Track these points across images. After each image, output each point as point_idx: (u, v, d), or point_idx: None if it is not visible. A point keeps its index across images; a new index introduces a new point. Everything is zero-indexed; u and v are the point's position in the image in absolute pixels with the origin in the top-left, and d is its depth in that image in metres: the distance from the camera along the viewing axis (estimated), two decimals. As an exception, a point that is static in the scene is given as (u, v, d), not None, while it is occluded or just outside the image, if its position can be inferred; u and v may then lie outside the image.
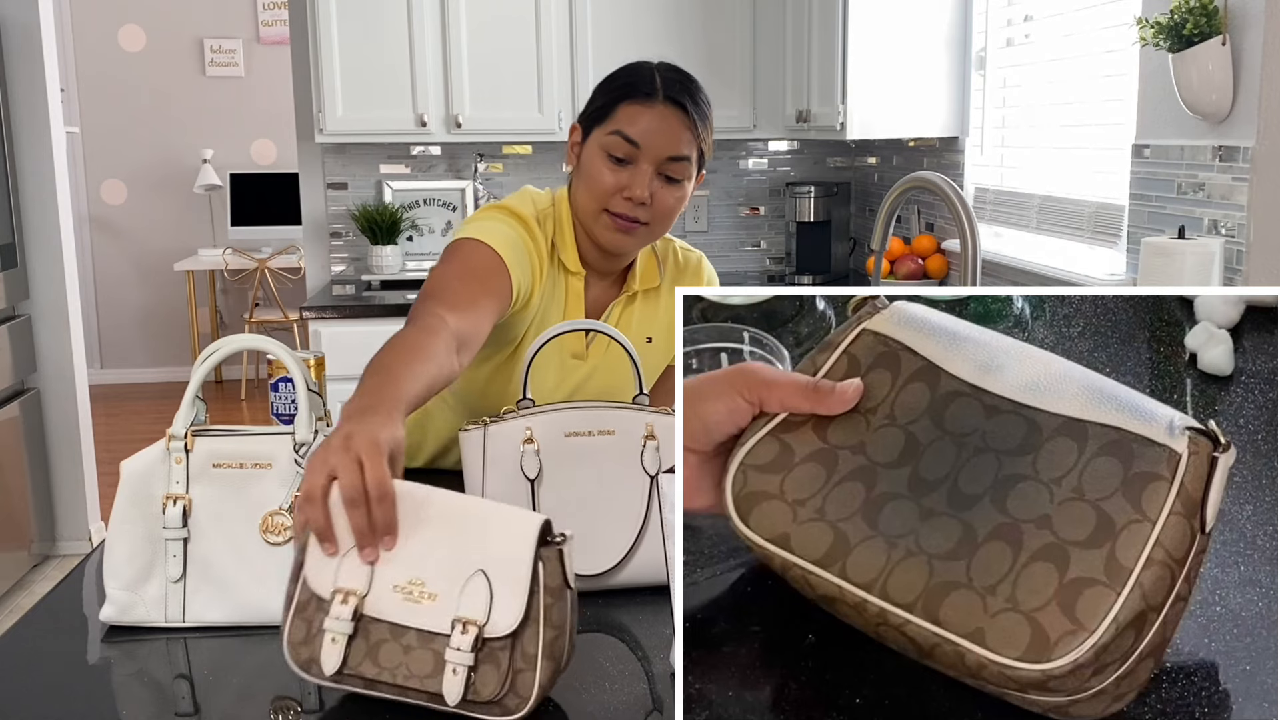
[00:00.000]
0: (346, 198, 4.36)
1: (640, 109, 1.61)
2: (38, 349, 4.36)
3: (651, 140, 1.60)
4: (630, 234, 1.64)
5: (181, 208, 7.49)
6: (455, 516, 1.07)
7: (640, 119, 1.60)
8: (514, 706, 1.05)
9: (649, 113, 1.60)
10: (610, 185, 1.61)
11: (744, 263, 4.58)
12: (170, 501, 1.27)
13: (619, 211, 1.62)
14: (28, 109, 4.23)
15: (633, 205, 1.61)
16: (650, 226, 1.64)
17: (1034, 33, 3.05)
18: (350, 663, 1.06)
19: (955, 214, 1.82)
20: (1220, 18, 2.04)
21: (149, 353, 7.58)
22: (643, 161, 1.61)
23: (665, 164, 1.61)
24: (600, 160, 1.62)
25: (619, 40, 4.01)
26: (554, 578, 1.06)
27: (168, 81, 7.36)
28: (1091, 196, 2.70)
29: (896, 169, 4.06)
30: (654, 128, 1.60)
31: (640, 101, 1.61)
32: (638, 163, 1.61)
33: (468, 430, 1.36)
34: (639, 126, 1.60)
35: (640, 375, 1.44)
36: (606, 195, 1.62)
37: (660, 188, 1.62)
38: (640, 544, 1.35)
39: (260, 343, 1.30)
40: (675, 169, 1.62)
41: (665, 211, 1.63)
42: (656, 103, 1.61)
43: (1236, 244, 2.08)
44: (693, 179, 1.67)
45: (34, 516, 4.29)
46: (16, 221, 4.22)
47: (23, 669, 1.18)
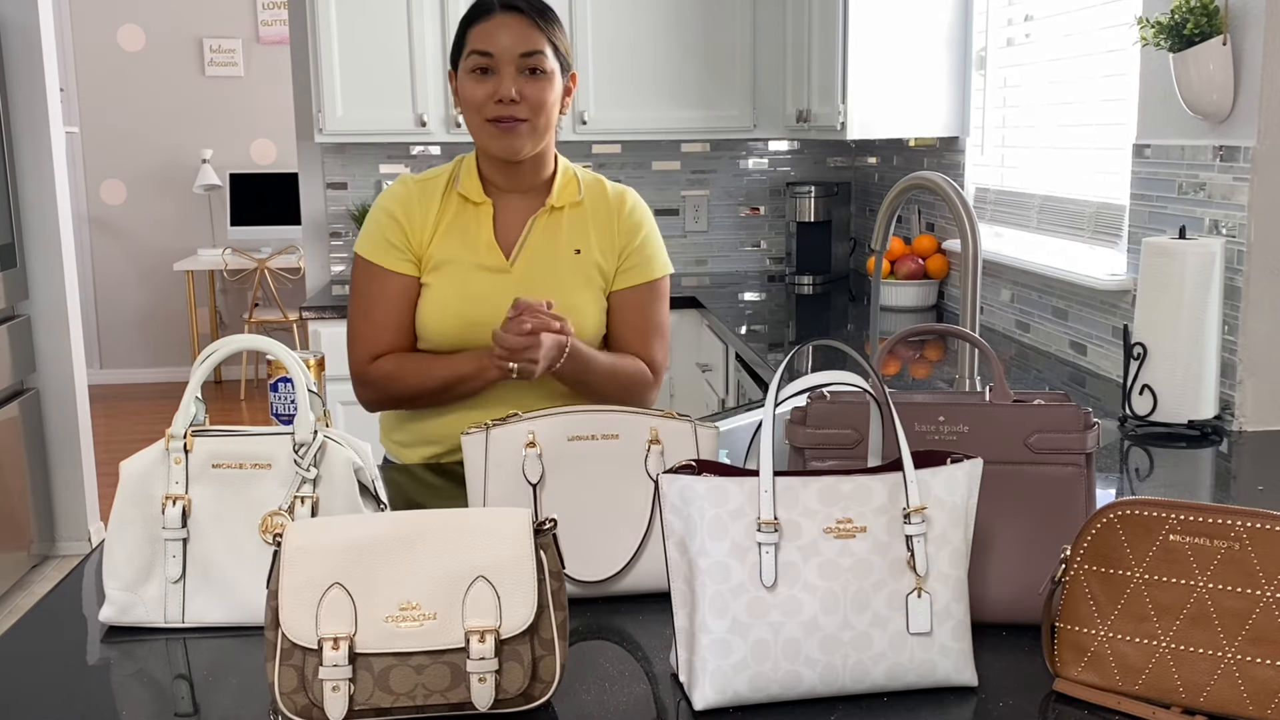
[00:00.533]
0: (346, 198, 4.36)
1: (484, 25, 1.82)
2: (37, 349, 4.35)
3: (501, 45, 1.80)
4: (514, 132, 1.82)
5: (181, 208, 7.48)
6: (429, 534, 1.06)
7: (488, 33, 1.81)
8: (539, 693, 1.07)
9: (491, 24, 1.82)
10: (482, 96, 1.81)
11: (744, 263, 4.57)
12: (170, 502, 1.27)
13: (495, 115, 1.81)
14: (27, 109, 4.22)
15: (505, 106, 1.80)
16: (530, 121, 1.82)
17: (1034, 32, 3.05)
18: (359, 699, 1.03)
19: (956, 214, 1.82)
20: (1221, 17, 2.04)
21: (148, 353, 7.57)
22: (502, 66, 1.81)
23: (522, 61, 1.81)
24: (470, 81, 1.83)
25: (619, 40, 4.01)
26: (554, 562, 1.08)
27: (167, 81, 7.36)
28: (1092, 196, 2.70)
29: (897, 169, 4.06)
30: (500, 34, 1.81)
31: (483, 20, 1.83)
32: (499, 69, 1.81)
33: (470, 433, 1.36)
34: (488, 39, 1.81)
35: None
36: (481, 106, 1.82)
37: (526, 83, 1.81)
38: (644, 551, 1.34)
39: (260, 343, 1.30)
40: (533, 62, 1.81)
41: (538, 104, 1.82)
42: (496, 14, 1.82)
43: (1237, 244, 2.07)
44: (556, 74, 1.84)
45: (33, 517, 4.29)
46: (16, 221, 4.21)
47: (23, 669, 1.18)
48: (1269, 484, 1.81)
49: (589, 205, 1.94)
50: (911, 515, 1.11)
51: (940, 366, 2.72)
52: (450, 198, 1.91)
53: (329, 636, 1.03)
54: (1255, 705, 1.03)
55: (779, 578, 1.08)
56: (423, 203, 1.89)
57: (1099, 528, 1.09)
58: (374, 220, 1.91)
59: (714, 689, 1.07)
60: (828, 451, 1.27)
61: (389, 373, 1.88)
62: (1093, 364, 2.60)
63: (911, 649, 1.10)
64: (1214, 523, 1.04)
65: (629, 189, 1.99)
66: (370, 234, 1.90)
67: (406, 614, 1.04)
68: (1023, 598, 1.24)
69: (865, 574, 1.10)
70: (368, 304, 1.89)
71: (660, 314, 1.98)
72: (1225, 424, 2.12)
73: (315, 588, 1.04)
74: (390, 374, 1.87)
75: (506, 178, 1.91)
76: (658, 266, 1.97)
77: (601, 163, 4.43)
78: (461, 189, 1.90)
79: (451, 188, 1.91)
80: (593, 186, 1.97)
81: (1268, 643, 1.02)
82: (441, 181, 1.92)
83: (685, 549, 1.10)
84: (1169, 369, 2.03)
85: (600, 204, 1.95)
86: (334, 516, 1.23)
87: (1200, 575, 1.05)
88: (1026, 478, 1.26)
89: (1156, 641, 1.07)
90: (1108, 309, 2.53)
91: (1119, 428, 2.09)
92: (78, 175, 7.27)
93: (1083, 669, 1.10)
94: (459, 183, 1.91)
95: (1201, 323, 2.02)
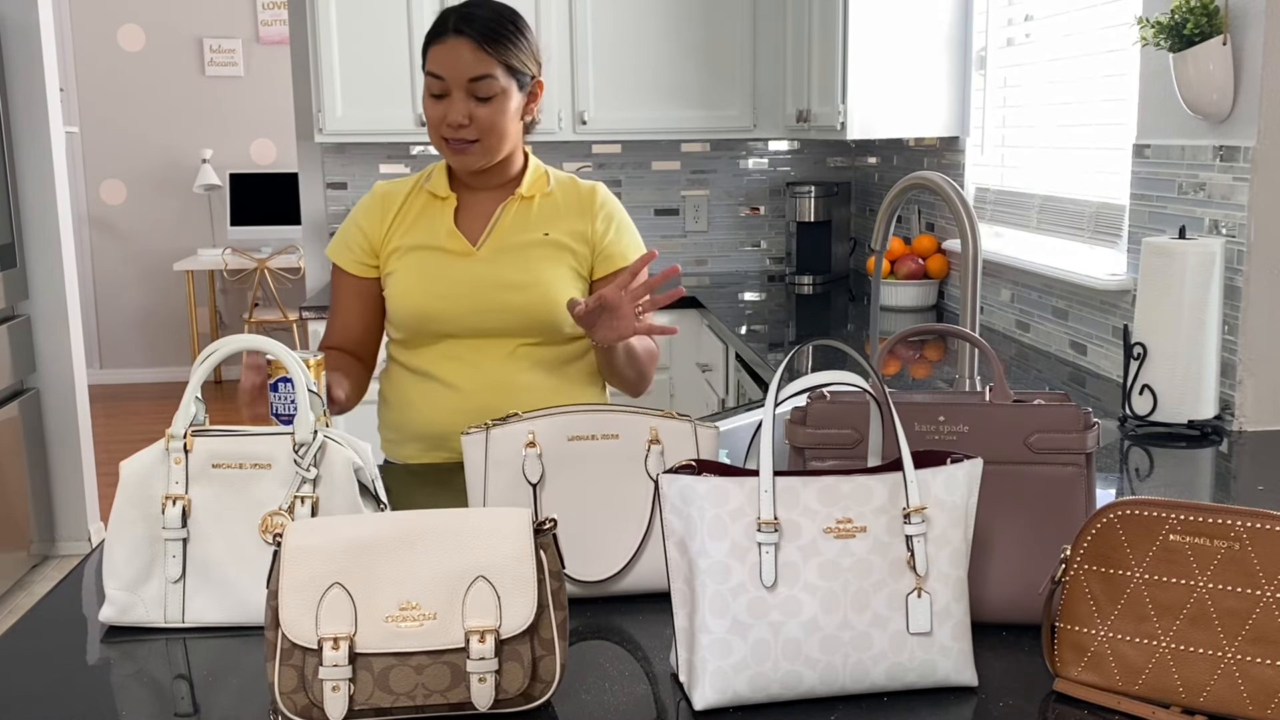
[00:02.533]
0: (346, 197, 4.36)
1: (438, 48, 1.87)
2: (37, 349, 4.35)
3: (451, 70, 1.85)
4: (466, 153, 1.89)
5: (181, 208, 7.48)
6: (429, 534, 1.06)
7: (439, 56, 1.86)
8: (539, 693, 1.07)
9: (443, 48, 1.86)
10: (436, 118, 1.89)
11: (744, 263, 4.57)
12: (170, 502, 1.27)
13: (448, 136, 1.88)
14: (27, 109, 4.22)
15: (454, 129, 1.87)
16: (481, 142, 1.88)
17: (1034, 32, 3.05)
18: (359, 699, 1.03)
19: (956, 214, 1.82)
20: (1221, 17, 2.04)
21: (148, 353, 7.57)
22: (453, 90, 1.86)
23: (471, 86, 1.85)
24: (427, 100, 1.90)
25: (619, 40, 4.01)
26: (554, 562, 1.08)
27: (167, 81, 7.36)
28: (1092, 196, 2.70)
29: (897, 169, 4.06)
30: (449, 59, 1.85)
31: (438, 42, 1.87)
32: (450, 93, 1.86)
33: (470, 433, 1.36)
34: (439, 62, 1.86)
35: None
36: (436, 126, 1.89)
37: (476, 107, 1.86)
38: (644, 550, 1.34)
39: (260, 343, 1.30)
40: (480, 88, 1.85)
41: (487, 126, 1.87)
42: (447, 38, 1.86)
43: (1237, 244, 2.07)
44: (509, 93, 1.88)
45: (33, 517, 4.28)
46: (16, 221, 4.21)
47: (23, 669, 1.18)
48: (1269, 484, 1.81)
49: (559, 196, 1.99)
50: (911, 515, 1.11)
51: (940, 366, 2.72)
52: (417, 195, 1.99)
53: (329, 636, 1.03)
54: (1255, 705, 1.03)
55: (779, 578, 1.08)
56: (385, 203, 1.98)
57: (1099, 528, 1.09)
58: (343, 227, 2.03)
59: (714, 689, 1.07)
60: (828, 451, 1.27)
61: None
62: (1093, 364, 2.60)
63: (911, 649, 1.10)
64: (1214, 523, 1.04)
65: (598, 183, 2.04)
66: (338, 239, 2.02)
67: (406, 614, 1.04)
68: (1023, 598, 1.24)
69: (865, 574, 1.10)
70: (333, 302, 2.04)
71: None
72: (1225, 424, 2.12)
73: (315, 588, 1.04)
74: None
75: (473, 177, 1.98)
76: (634, 252, 2.01)
77: (601, 163, 4.43)
78: (430, 186, 1.98)
79: (420, 186, 2.00)
80: (564, 182, 2.02)
81: (1268, 643, 1.02)
82: (411, 181, 2.02)
83: (685, 549, 1.10)
84: (1169, 369, 2.03)
85: (571, 196, 2.00)
86: (334, 516, 1.23)
87: (1200, 575, 1.05)
88: (1026, 478, 1.26)
89: (1156, 641, 1.07)
90: (1108, 309, 2.53)
91: (1119, 428, 2.09)
92: (78, 175, 7.27)
93: (1083, 669, 1.10)
94: (429, 180, 1.99)
95: (1201, 323, 2.02)
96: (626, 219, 2.04)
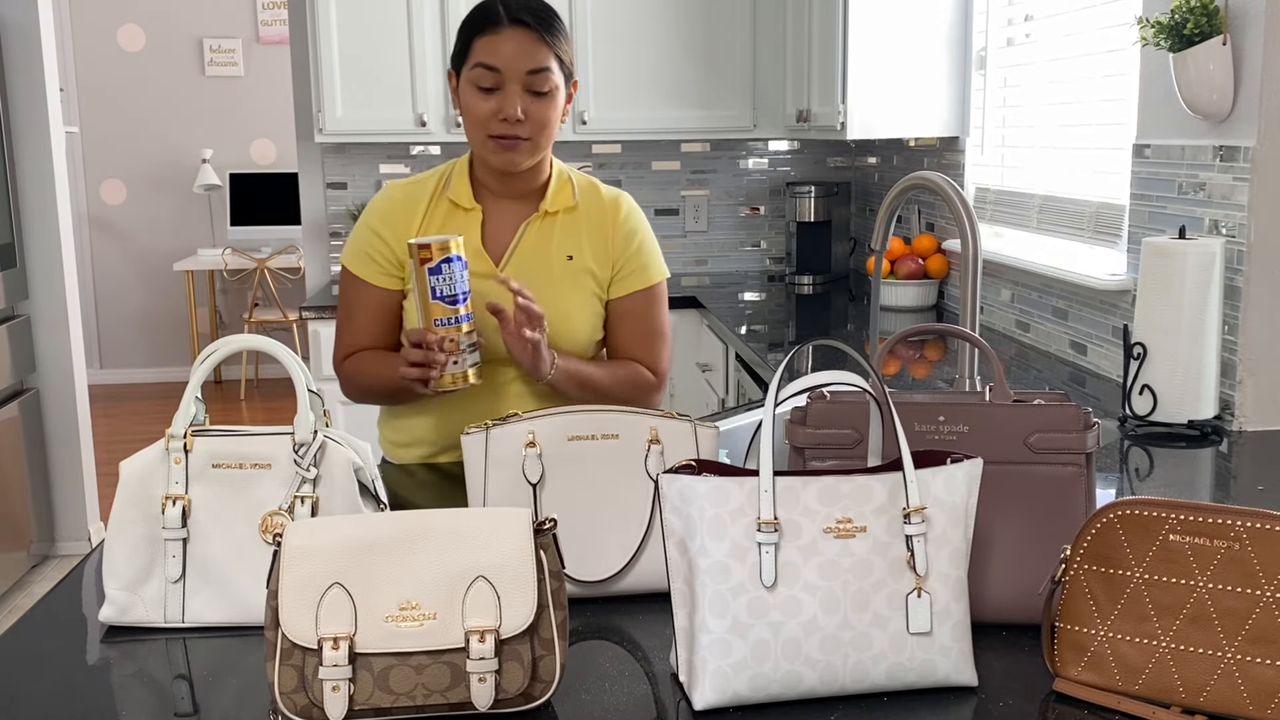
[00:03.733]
0: (346, 197, 4.36)
1: (492, 37, 1.78)
2: (37, 349, 4.35)
3: (509, 62, 1.77)
4: (516, 149, 1.81)
5: (181, 208, 7.48)
6: (429, 534, 1.06)
7: (495, 46, 1.77)
8: (539, 693, 1.07)
9: (500, 38, 1.77)
10: (486, 112, 1.79)
11: (744, 263, 4.57)
12: (170, 502, 1.27)
13: (498, 134, 1.79)
14: (27, 109, 4.22)
15: (509, 125, 1.78)
16: (532, 139, 1.81)
17: (1034, 32, 3.05)
18: (359, 699, 1.03)
19: (956, 214, 1.82)
20: (1221, 17, 2.04)
21: (148, 353, 7.57)
22: (508, 83, 1.78)
23: (528, 79, 1.78)
24: (473, 93, 1.80)
25: (619, 40, 4.01)
26: (554, 562, 1.08)
27: (167, 81, 7.36)
28: (1092, 196, 2.70)
29: (897, 169, 4.06)
30: (508, 50, 1.77)
31: (490, 32, 1.78)
32: (504, 86, 1.78)
33: (470, 433, 1.36)
34: (495, 53, 1.77)
35: None
36: (485, 122, 1.79)
37: (530, 102, 1.79)
38: (643, 550, 1.34)
39: (260, 343, 1.30)
40: (538, 81, 1.78)
41: (541, 122, 1.80)
42: (504, 28, 1.78)
43: (1237, 244, 2.07)
44: (560, 88, 1.83)
45: (33, 517, 4.28)
46: (16, 221, 4.21)
47: (23, 669, 1.18)
48: (1269, 484, 1.81)
49: (583, 210, 1.92)
50: (911, 515, 1.11)
51: (940, 366, 2.72)
52: (439, 203, 1.89)
53: (329, 636, 1.03)
54: (1255, 705, 1.03)
55: (779, 578, 1.08)
56: (406, 210, 1.88)
57: (1099, 528, 1.09)
58: (358, 231, 1.92)
59: (714, 689, 1.07)
60: (828, 451, 1.27)
61: (350, 372, 1.93)
62: (1093, 364, 2.60)
63: (911, 649, 1.10)
64: (1214, 523, 1.04)
65: (623, 194, 1.97)
66: (353, 246, 1.92)
67: (406, 614, 1.04)
68: (1023, 598, 1.24)
69: (865, 574, 1.10)
70: (347, 311, 1.94)
71: (660, 318, 1.96)
72: (1225, 424, 2.12)
73: (315, 588, 1.04)
74: (351, 373, 1.93)
75: (501, 184, 1.90)
76: (654, 271, 1.96)
77: (601, 163, 4.43)
78: (452, 194, 1.88)
79: (441, 191, 1.90)
80: (587, 191, 1.94)
81: (1268, 643, 1.02)
82: (429, 186, 1.91)
83: (685, 549, 1.10)
84: (1169, 369, 2.03)
85: (594, 209, 1.92)
86: (334, 516, 1.23)
87: (1200, 575, 1.05)
88: (1026, 478, 1.26)
89: (1156, 641, 1.07)
90: (1108, 309, 2.53)
91: (1119, 428, 2.09)
92: (78, 175, 7.26)
93: (1083, 669, 1.10)
94: (449, 186, 1.89)
95: (1201, 323, 2.02)
96: (650, 236, 1.97)
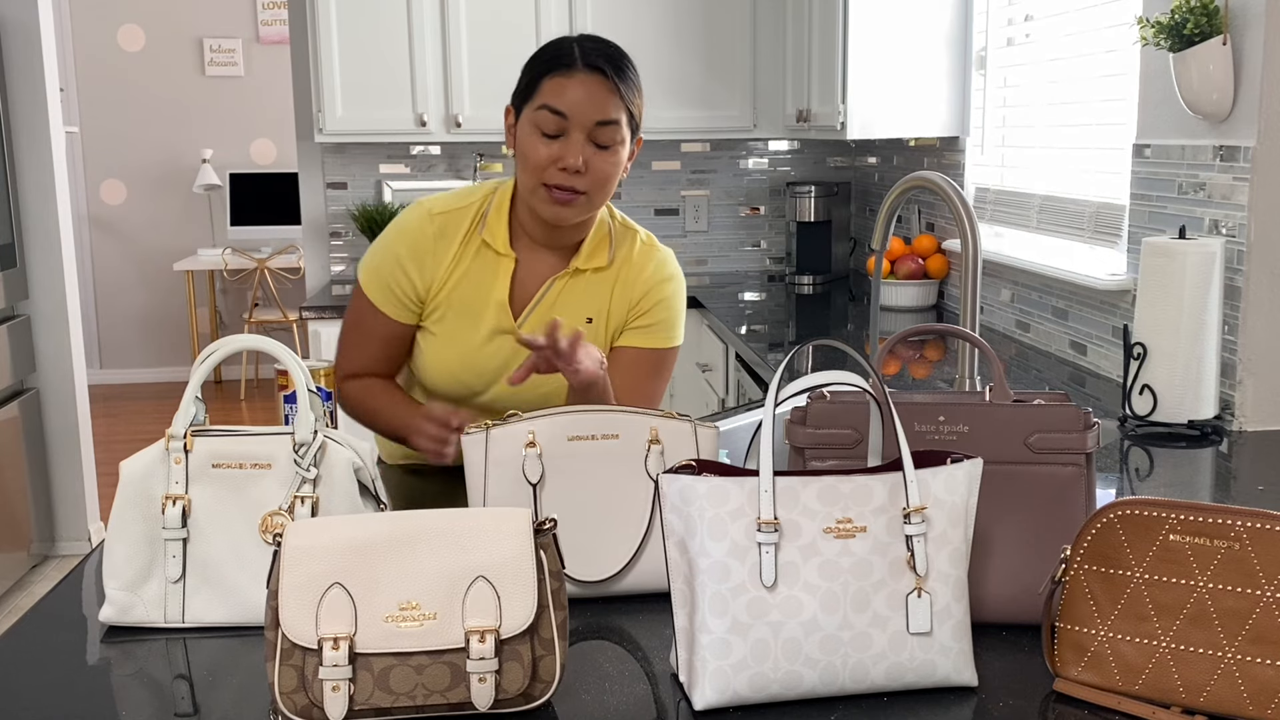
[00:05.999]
0: (346, 197, 4.36)
1: (563, 80, 1.66)
2: (37, 349, 4.35)
3: (577, 109, 1.64)
4: (570, 205, 1.68)
5: (181, 208, 7.48)
6: (429, 534, 1.06)
7: (564, 90, 1.65)
8: (539, 693, 1.07)
9: (571, 82, 1.65)
10: (544, 158, 1.66)
11: (744, 262, 4.57)
12: (170, 502, 1.27)
13: (555, 183, 1.66)
14: (27, 109, 4.22)
15: (568, 175, 1.65)
16: (589, 195, 1.68)
17: (1034, 32, 3.05)
18: (359, 699, 1.03)
19: (956, 214, 1.82)
20: (1221, 17, 2.04)
21: (148, 353, 7.57)
22: (573, 131, 1.65)
23: (595, 130, 1.65)
24: (533, 136, 1.67)
25: (619, 40, 3.98)
26: (554, 562, 1.08)
27: (167, 81, 7.36)
28: (1092, 196, 2.70)
29: (897, 169, 4.06)
30: (578, 96, 1.65)
31: (562, 74, 1.66)
32: (568, 133, 1.65)
33: (470, 433, 1.36)
34: (563, 97, 1.65)
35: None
36: (542, 169, 1.66)
37: (594, 155, 1.66)
38: (643, 550, 1.34)
39: (260, 343, 1.30)
40: (605, 134, 1.66)
41: (602, 178, 1.67)
42: (577, 72, 1.66)
43: (1237, 244, 2.07)
44: (626, 143, 1.70)
45: (33, 517, 4.28)
46: (16, 221, 4.21)
47: (22, 669, 1.18)
48: (1269, 484, 1.81)
49: (615, 269, 1.79)
50: (911, 515, 1.11)
51: (940, 366, 2.72)
52: (472, 240, 1.76)
53: (329, 636, 1.03)
54: (1255, 705, 1.03)
55: (779, 578, 1.08)
56: (439, 245, 1.75)
57: (1099, 528, 1.09)
58: (383, 257, 1.77)
59: (714, 689, 1.07)
60: (828, 451, 1.27)
61: (351, 397, 1.84)
62: (1093, 364, 2.60)
63: (911, 649, 1.10)
64: (1214, 523, 1.04)
65: (666, 255, 1.83)
66: (376, 273, 1.78)
67: (406, 614, 1.04)
68: (1023, 598, 1.24)
69: (865, 574, 1.10)
70: (359, 334, 1.82)
71: (652, 385, 1.82)
72: (1225, 424, 2.12)
73: (315, 588, 1.04)
74: (352, 399, 1.84)
75: (543, 233, 1.76)
76: (662, 337, 1.81)
77: (601, 163, 4.43)
78: (487, 234, 1.75)
79: (476, 229, 1.76)
80: (624, 248, 1.80)
81: (1268, 643, 1.02)
82: (467, 218, 1.77)
83: (685, 549, 1.10)
84: (1169, 369, 2.03)
85: (627, 269, 1.80)
86: (334, 516, 1.23)
87: (1200, 575, 1.05)
88: (1026, 478, 1.26)
89: (1156, 641, 1.07)
90: (1108, 309, 2.53)
91: (1119, 428, 2.09)
92: (78, 175, 7.27)
93: (1083, 669, 1.10)
94: (485, 225, 1.76)
95: (1201, 323, 2.02)
96: (676, 299, 1.82)
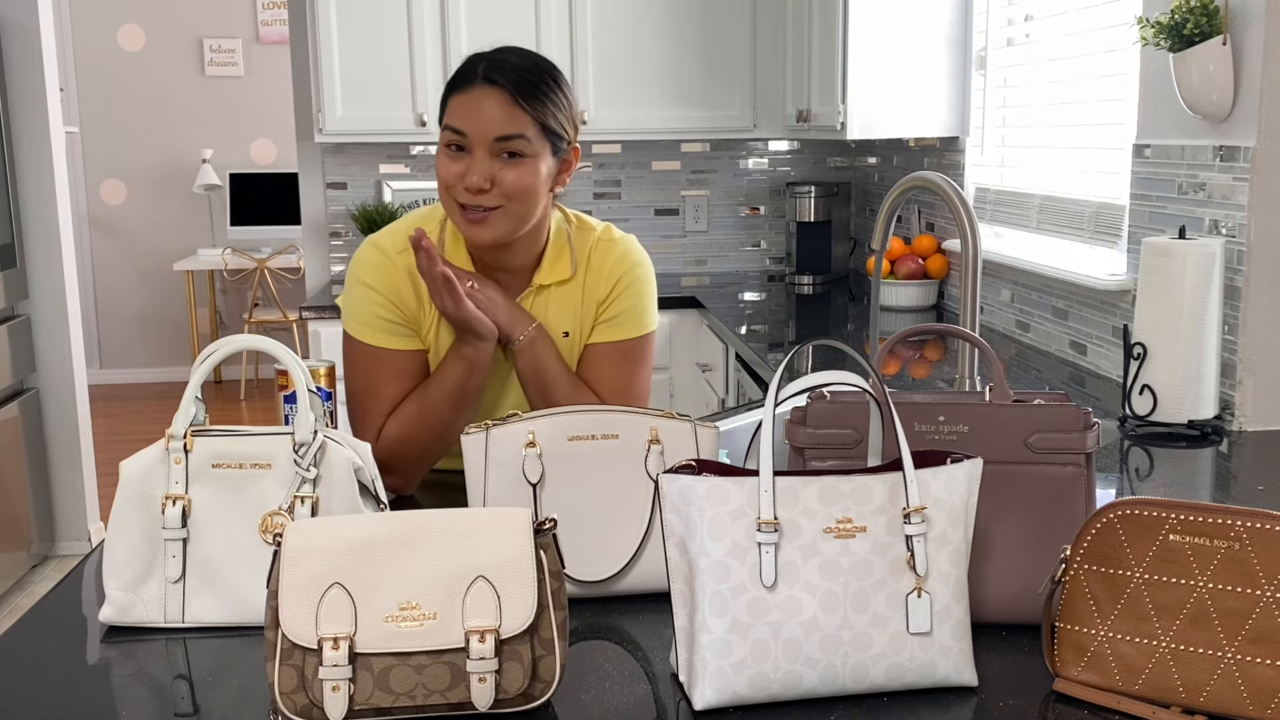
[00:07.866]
0: (346, 197, 4.36)
1: (462, 97, 1.63)
2: (37, 349, 4.35)
3: (475, 125, 1.60)
4: (483, 223, 1.62)
5: (181, 208, 7.48)
6: (429, 534, 1.06)
7: (462, 107, 1.62)
8: (539, 693, 1.07)
9: (468, 99, 1.62)
10: (450, 176, 1.62)
11: (744, 263, 4.57)
12: (170, 502, 1.27)
13: (464, 203, 1.62)
14: (27, 109, 4.22)
15: (473, 194, 1.60)
16: (506, 208, 1.62)
17: (1034, 32, 3.05)
18: (359, 699, 1.03)
19: (956, 214, 1.82)
20: (1221, 17, 2.04)
21: (148, 353, 7.57)
22: (475, 148, 1.61)
23: (496, 145, 1.60)
24: (442, 155, 1.64)
25: (619, 40, 4.01)
26: (554, 562, 1.08)
27: (167, 81, 7.36)
28: (1092, 196, 2.70)
29: (897, 169, 4.06)
30: (474, 112, 1.61)
31: (462, 91, 1.63)
32: (471, 150, 1.61)
33: (470, 433, 1.36)
34: (462, 114, 1.61)
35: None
36: (449, 187, 1.63)
37: (501, 168, 1.61)
38: (644, 550, 1.34)
39: (260, 343, 1.30)
40: (510, 147, 1.61)
41: (515, 190, 1.61)
42: (475, 87, 1.62)
43: (1237, 244, 2.07)
44: (545, 155, 1.64)
45: (33, 517, 4.28)
46: (16, 221, 4.21)
47: (22, 669, 1.18)
48: (1269, 484, 1.81)
49: (580, 278, 1.75)
50: (911, 515, 1.11)
51: (940, 366, 2.72)
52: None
53: (329, 636, 1.02)
54: (1255, 705, 1.03)
55: (779, 578, 1.08)
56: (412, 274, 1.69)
57: (1099, 528, 1.09)
58: (357, 297, 1.69)
59: (714, 689, 1.07)
60: (828, 451, 1.27)
61: (395, 437, 1.68)
62: (1093, 364, 2.60)
63: (911, 649, 1.10)
64: (1214, 523, 1.04)
65: (624, 242, 1.78)
66: (358, 314, 1.69)
67: (406, 614, 1.04)
68: (1022, 598, 1.24)
69: (865, 574, 1.10)
70: (375, 384, 1.69)
71: (627, 376, 1.75)
72: (1225, 424, 2.12)
73: (315, 588, 1.04)
74: (398, 438, 1.67)
75: (490, 255, 1.70)
76: (631, 325, 1.75)
77: (601, 163, 4.43)
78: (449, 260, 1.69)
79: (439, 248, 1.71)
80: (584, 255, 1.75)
81: (1268, 643, 1.02)
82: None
83: (685, 549, 1.10)
84: (1169, 369, 2.03)
85: (592, 274, 1.75)
86: (334, 516, 1.23)
87: (1200, 575, 1.05)
88: (1026, 478, 1.26)
89: (1156, 641, 1.07)
90: (1108, 309, 2.53)
91: (1119, 428, 2.09)
92: (78, 175, 7.27)
93: (1083, 669, 1.10)
94: (444, 249, 1.71)
95: (1201, 323, 2.02)
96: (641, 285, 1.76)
